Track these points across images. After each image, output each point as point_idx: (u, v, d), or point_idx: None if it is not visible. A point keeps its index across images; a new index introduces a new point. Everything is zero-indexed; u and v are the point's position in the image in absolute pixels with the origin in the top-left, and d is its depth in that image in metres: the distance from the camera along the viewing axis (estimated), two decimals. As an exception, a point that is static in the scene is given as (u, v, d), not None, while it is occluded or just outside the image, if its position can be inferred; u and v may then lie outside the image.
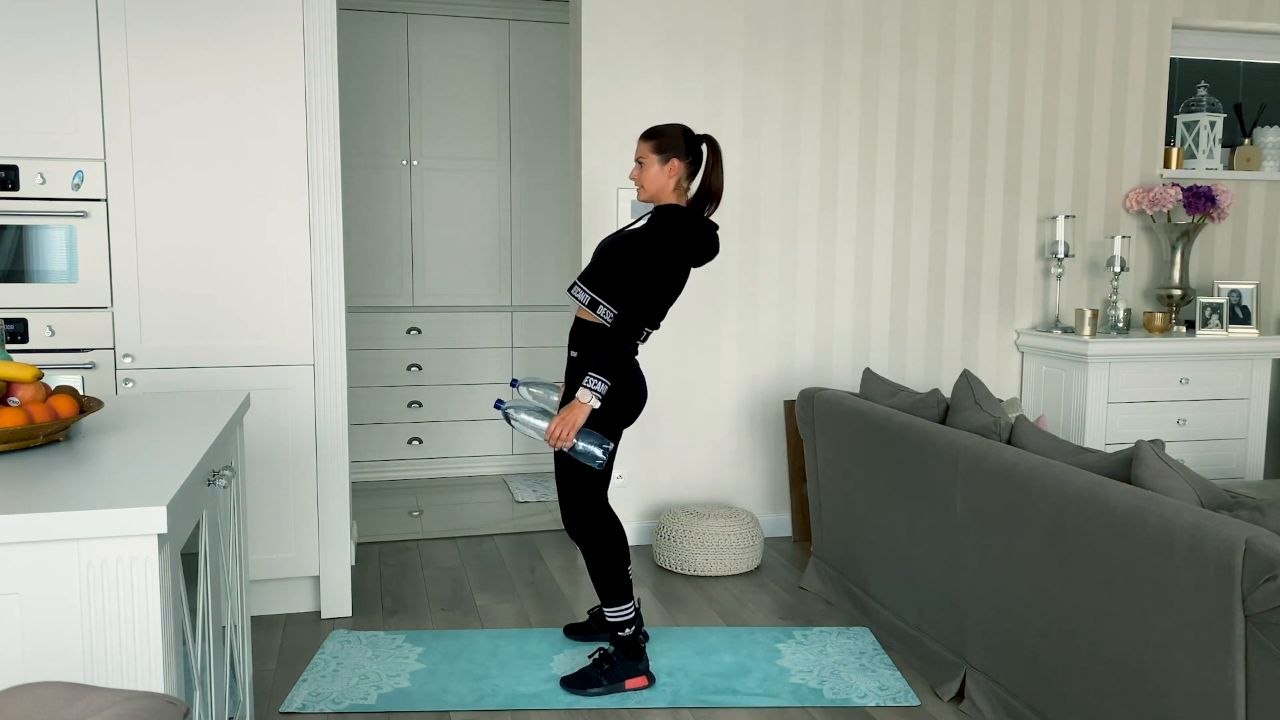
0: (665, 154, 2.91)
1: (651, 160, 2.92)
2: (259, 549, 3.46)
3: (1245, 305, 4.77)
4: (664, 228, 2.83)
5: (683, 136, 2.93)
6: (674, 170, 2.91)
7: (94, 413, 2.05)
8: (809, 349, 4.56)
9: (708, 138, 2.96)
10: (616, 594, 2.97)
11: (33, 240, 3.19)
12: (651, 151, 2.92)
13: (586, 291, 2.93)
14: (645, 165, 2.94)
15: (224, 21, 3.26)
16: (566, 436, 2.77)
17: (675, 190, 2.94)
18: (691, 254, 2.88)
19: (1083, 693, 2.43)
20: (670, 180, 2.92)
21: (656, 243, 2.82)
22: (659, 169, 2.92)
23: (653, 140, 2.93)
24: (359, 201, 5.41)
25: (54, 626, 1.41)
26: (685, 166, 2.93)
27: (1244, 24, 4.99)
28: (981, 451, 2.77)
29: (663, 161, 2.91)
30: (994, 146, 4.70)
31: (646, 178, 2.94)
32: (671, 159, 2.91)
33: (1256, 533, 1.97)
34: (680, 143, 2.92)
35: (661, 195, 2.94)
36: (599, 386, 2.77)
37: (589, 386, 2.77)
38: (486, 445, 5.68)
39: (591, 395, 2.77)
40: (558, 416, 2.81)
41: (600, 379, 2.77)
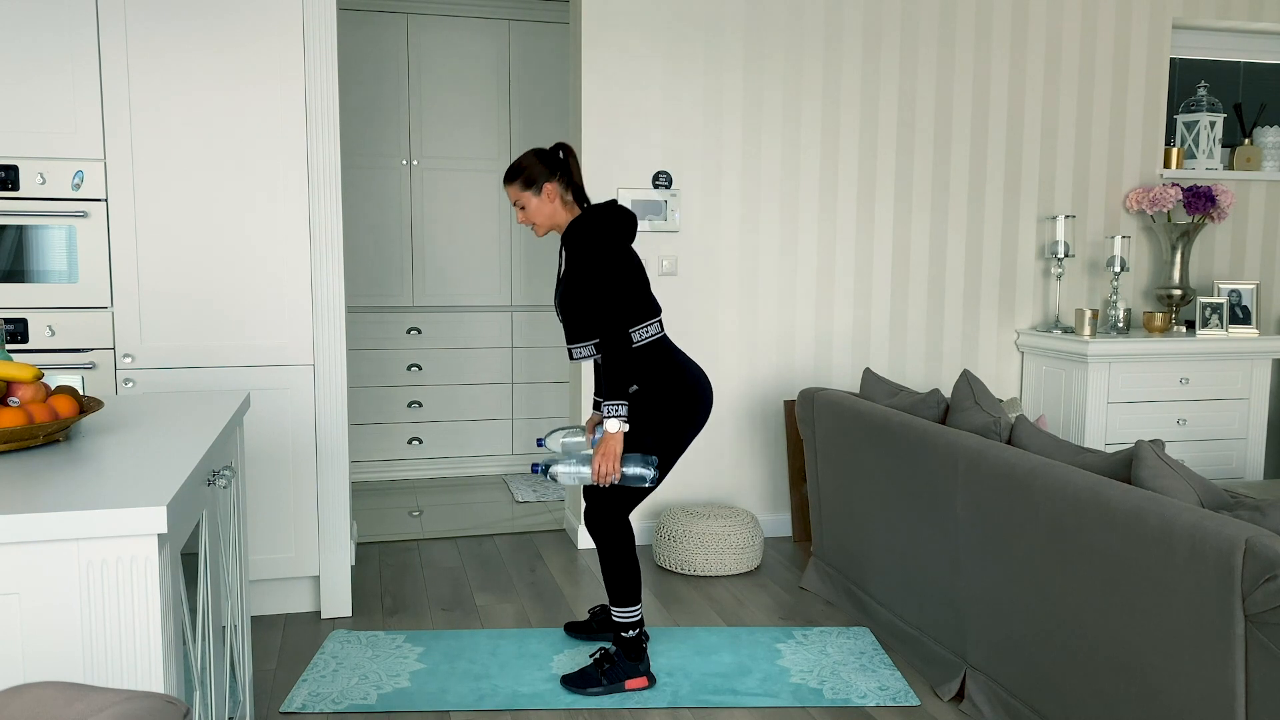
0: (535, 185, 2.95)
1: (527, 197, 2.96)
2: (259, 549, 3.46)
3: (1245, 305, 4.77)
4: (588, 241, 2.86)
5: (538, 159, 2.96)
6: (551, 193, 2.96)
7: (94, 413, 2.05)
8: (809, 349, 4.56)
9: (560, 145, 3.00)
10: (626, 596, 2.98)
11: (33, 240, 3.19)
12: (522, 190, 2.96)
13: (585, 345, 2.98)
14: (525, 205, 2.97)
15: (224, 21, 3.27)
16: (613, 468, 2.83)
17: (565, 208, 2.99)
18: (620, 240, 2.90)
19: (1083, 693, 2.43)
20: (554, 203, 2.97)
21: (590, 260, 2.84)
22: (538, 201, 2.96)
23: (517, 180, 2.96)
24: (359, 201, 5.41)
25: (54, 626, 1.41)
26: (559, 185, 2.97)
27: (1244, 24, 4.99)
28: (981, 451, 2.77)
29: (536, 192, 2.95)
30: (994, 146, 4.70)
31: (532, 213, 2.98)
32: (543, 185, 2.95)
33: (1256, 533, 1.97)
34: (539, 166, 2.96)
35: (556, 219, 2.99)
36: (619, 410, 2.82)
37: (611, 415, 2.82)
38: (486, 445, 5.68)
39: (618, 422, 2.82)
40: (597, 454, 2.84)
41: (615, 403, 2.82)
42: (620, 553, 2.99)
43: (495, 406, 5.67)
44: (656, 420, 2.95)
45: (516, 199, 2.97)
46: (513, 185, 2.96)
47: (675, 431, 2.96)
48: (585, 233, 2.86)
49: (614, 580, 2.98)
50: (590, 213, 2.92)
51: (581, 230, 2.87)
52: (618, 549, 2.99)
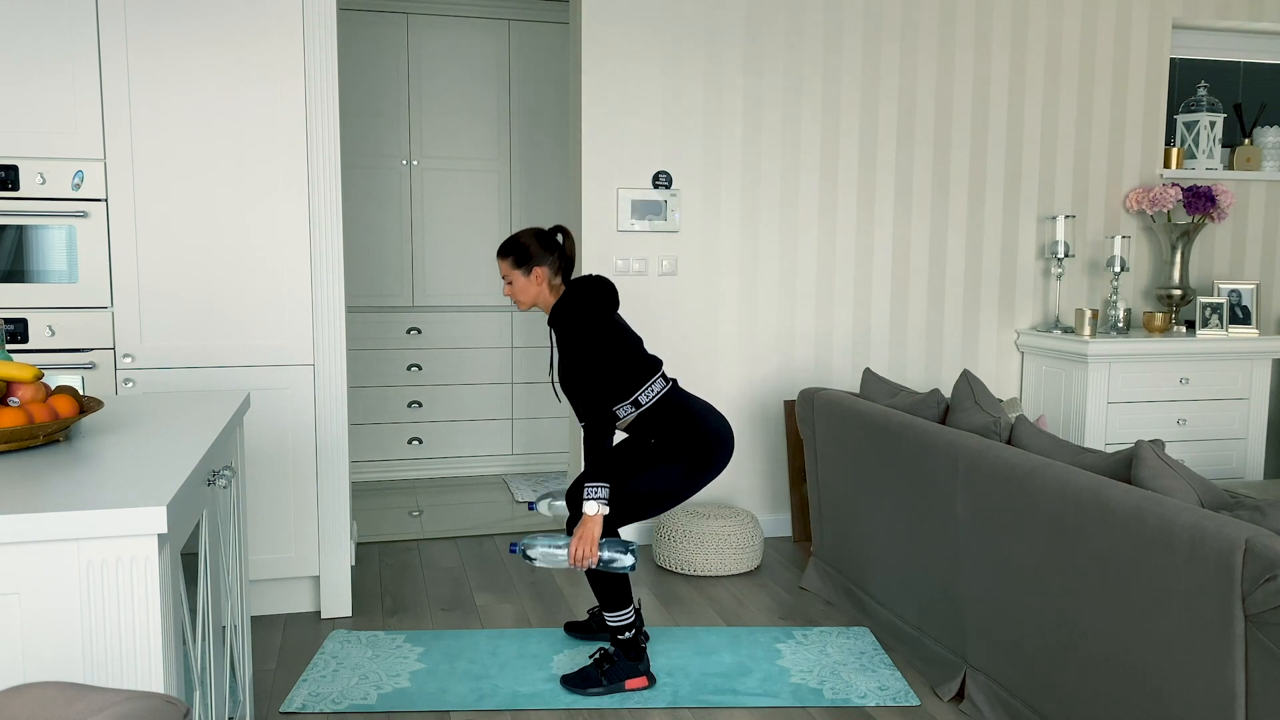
0: (526, 265, 2.98)
1: (515, 275, 3.00)
2: (259, 549, 3.46)
3: (1245, 305, 4.77)
4: (571, 324, 2.89)
5: (536, 240, 2.99)
6: (540, 276, 2.99)
7: (94, 413, 2.05)
8: (809, 349, 4.56)
9: (559, 228, 3.03)
10: (615, 600, 2.99)
11: (33, 240, 3.19)
12: (513, 267, 3.00)
13: None
14: (512, 281, 3.01)
15: (224, 21, 3.27)
16: (590, 553, 2.84)
17: (550, 291, 3.02)
18: (602, 315, 2.93)
19: (1083, 693, 2.43)
20: (541, 285, 3.00)
21: (575, 341, 2.87)
22: (525, 280, 3.00)
23: (510, 257, 3.00)
24: (359, 201, 5.41)
25: (54, 626, 1.41)
26: (550, 267, 3.00)
27: (1244, 24, 4.99)
28: (981, 451, 2.77)
29: (526, 273, 2.99)
30: (994, 146, 4.70)
31: (518, 291, 3.01)
32: (533, 267, 2.98)
33: (1256, 533, 1.97)
34: (536, 246, 2.99)
35: (540, 300, 3.02)
36: (600, 493, 2.83)
37: (590, 498, 2.83)
38: (486, 445, 5.68)
39: (597, 505, 2.83)
40: (574, 537, 2.86)
41: (596, 485, 2.83)
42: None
43: (495, 406, 5.67)
44: (670, 458, 2.97)
45: (506, 274, 3.02)
46: (505, 260, 3.00)
47: (687, 474, 2.98)
48: (568, 316, 2.90)
49: (602, 587, 2.99)
50: (570, 293, 2.95)
51: (564, 314, 2.90)
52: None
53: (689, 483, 2.98)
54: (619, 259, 4.29)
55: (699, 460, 2.97)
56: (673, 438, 2.97)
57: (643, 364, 2.99)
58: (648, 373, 2.98)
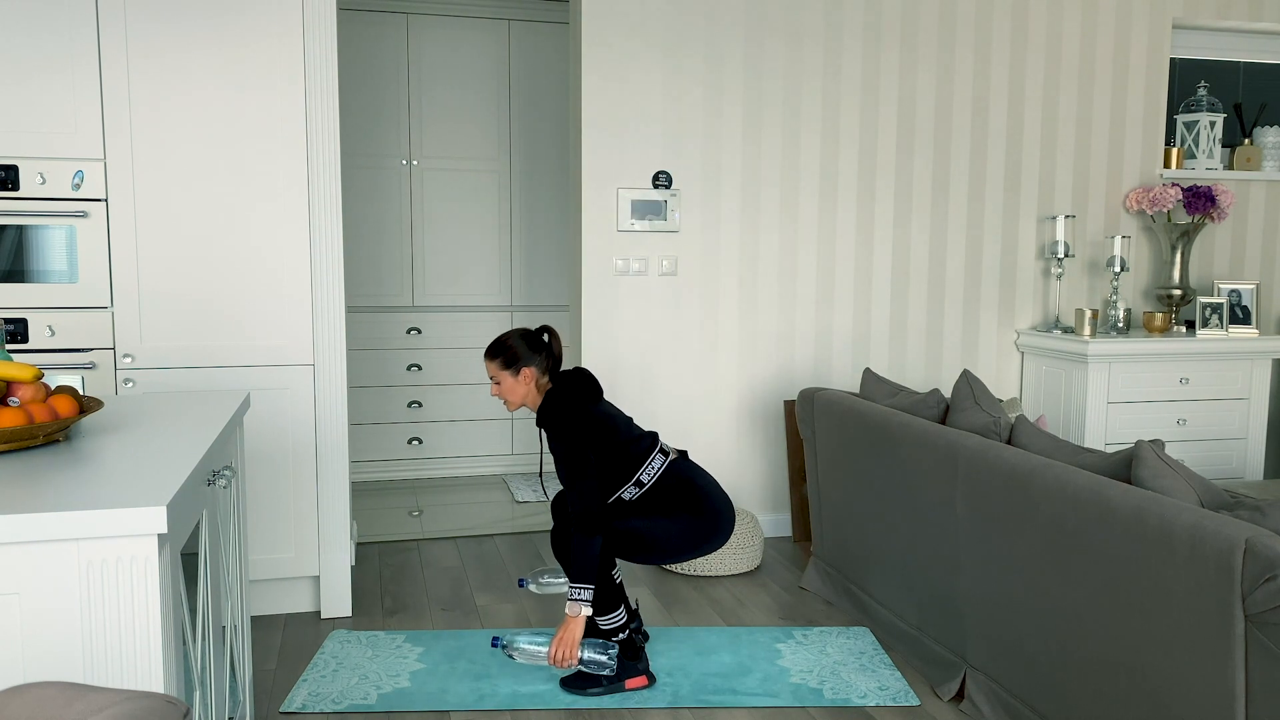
0: (514, 366, 3.00)
1: (504, 376, 3.02)
2: (259, 549, 3.46)
3: (1245, 305, 4.77)
4: (555, 424, 2.91)
5: (524, 342, 3.02)
6: (528, 377, 3.01)
7: (94, 413, 2.05)
8: (809, 349, 4.56)
9: (545, 328, 3.05)
10: (605, 604, 3.00)
11: (33, 240, 3.19)
12: (501, 368, 3.02)
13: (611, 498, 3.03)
14: (500, 382, 3.03)
15: (224, 21, 3.27)
16: (571, 654, 2.86)
17: (538, 390, 3.04)
18: (586, 409, 2.94)
19: (1083, 693, 2.43)
20: (529, 385, 3.02)
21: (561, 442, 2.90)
22: (514, 381, 3.02)
23: (499, 358, 3.01)
24: (359, 201, 5.41)
25: (54, 626, 1.41)
26: (538, 367, 3.02)
27: (1244, 24, 4.99)
28: (981, 451, 2.77)
29: (514, 374, 3.01)
30: (994, 146, 4.70)
31: (506, 391, 3.03)
32: (521, 369, 3.00)
33: (1256, 533, 1.97)
34: (523, 348, 3.01)
35: (529, 400, 3.04)
36: (584, 594, 2.85)
37: (575, 599, 2.85)
38: (486, 445, 5.68)
39: (581, 606, 2.85)
40: (556, 638, 2.87)
41: (581, 587, 2.85)
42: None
43: (495, 406, 5.67)
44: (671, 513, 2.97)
45: (494, 375, 3.03)
46: (493, 362, 3.02)
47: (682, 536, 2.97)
48: (554, 415, 2.92)
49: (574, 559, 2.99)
50: (553, 392, 2.96)
51: (550, 413, 2.93)
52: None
53: (682, 543, 2.97)
54: (619, 259, 4.29)
55: (698, 527, 2.97)
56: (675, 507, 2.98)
57: (637, 445, 2.99)
58: (644, 453, 2.99)
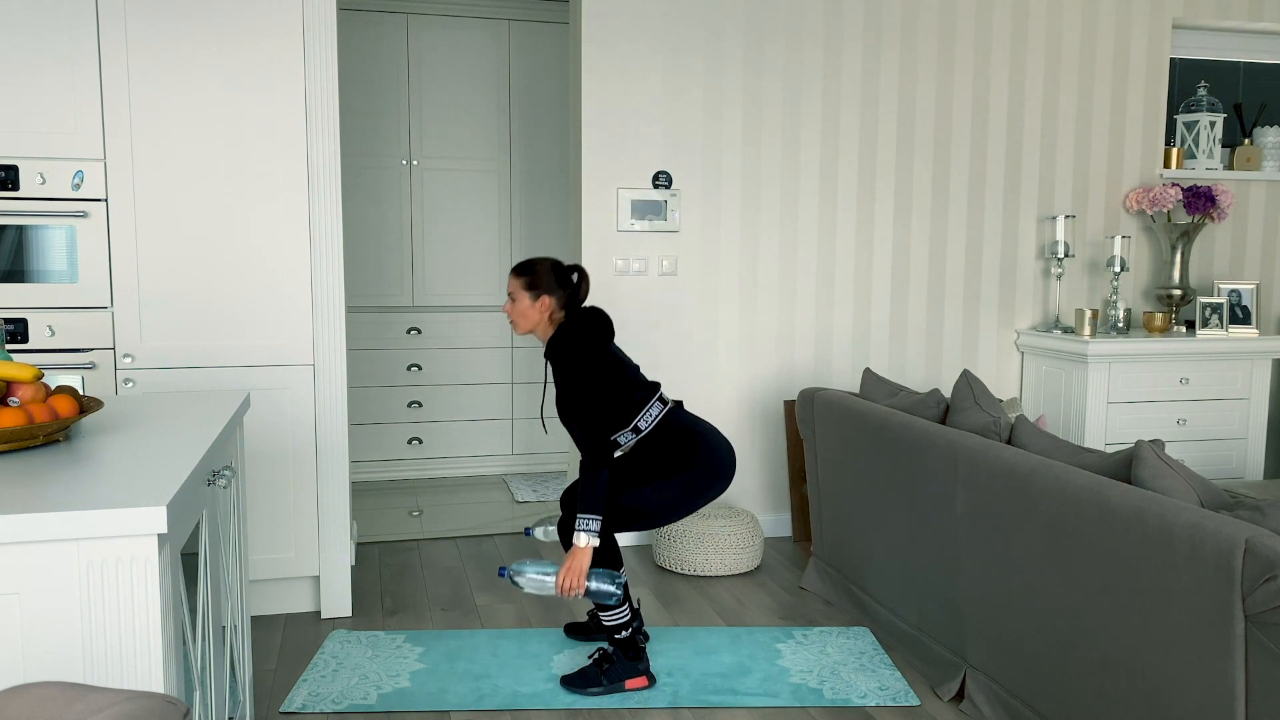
0: (535, 291, 2.98)
1: (523, 296, 2.99)
2: (259, 549, 3.46)
3: (1245, 305, 4.77)
4: (566, 358, 2.90)
5: (552, 272, 2.99)
6: (544, 306, 2.99)
7: (94, 413, 2.05)
8: (809, 349, 4.56)
9: (578, 268, 3.02)
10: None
11: (33, 240, 3.19)
12: (523, 288, 2.99)
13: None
14: (517, 300, 3.00)
15: (224, 21, 3.26)
16: (578, 583, 2.85)
17: (549, 323, 3.02)
18: (596, 347, 2.93)
19: (1083, 693, 2.43)
20: (542, 315, 3.00)
21: (570, 374, 2.89)
22: (529, 304, 2.99)
23: (524, 277, 2.99)
24: (359, 201, 5.41)
25: (54, 626, 1.41)
26: (556, 300, 2.99)
27: (1244, 24, 4.99)
28: (981, 451, 2.77)
29: (533, 298, 2.98)
30: (994, 146, 4.70)
31: (518, 312, 3.01)
32: (541, 295, 2.98)
33: (1256, 533, 1.97)
34: (550, 278, 2.99)
35: (537, 329, 3.03)
36: (592, 525, 2.84)
37: (582, 529, 2.84)
38: (486, 445, 5.68)
39: (588, 536, 2.84)
40: (563, 568, 2.87)
41: (589, 517, 2.84)
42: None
43: (495, 406, 5.67)
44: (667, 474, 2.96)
45: (513, 291, 3.01)
46: (518, 279, 3.00)
47: (682, 492, 2.97)
48: (563, 347, 2.91)
49: None
50: (565, 326, 2.95)
51: (560, 345, 2.91)
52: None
53: (686, 500, 2.97)
54: (619, 259, 4.29)
55: (697, 479, 2.96)
56: (674, 458, 2.97)
57: (639, 390, 2.99)
58: (644, 400, 2.99)
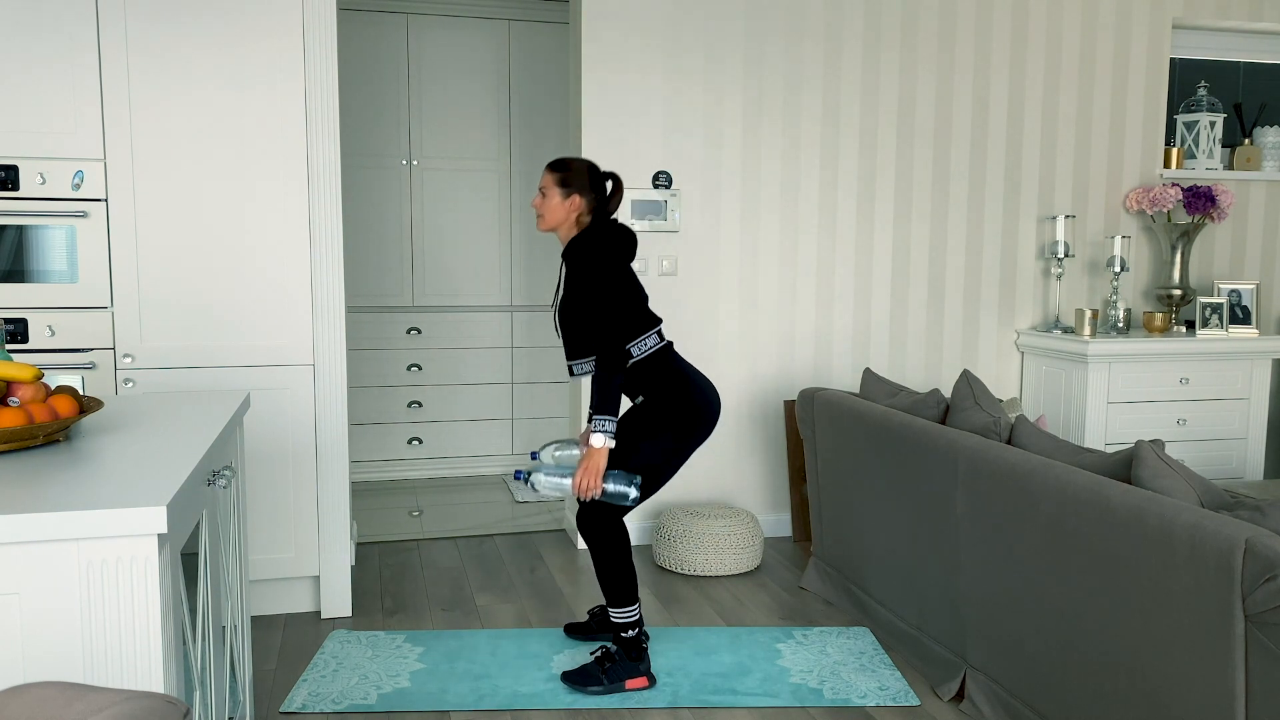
0: (568, 188, 2.96)
1: (554, 192, 2.96)
2: (259, 549, 3.46)
3: (1245, 305, 4.77)
4: (584, 261, 2.88)
5: (588, 173, 2.98)
6: (574, 205, 2.97)
7: (94, 413, 2.05)
8: (809, 349, 4.56)
9: (613, 175, 3.01)
10: (623, 596, 2.98)
11: (33, 240, 3.19)
12: (555, 184, 2.97)
13: (586, 361, 3.00)
14: (547, 195, 2.97)
15: (224, 21, 3.26)
16: (594, 484, 2.85)
17: (575, 224, 3.00)
18: (618, 258, 2.93)
19: (1083, 693, 2.43)
20: (570, 214, 2.98)
21: (588, 275, 2.87)
22: (559, 201, 2.97)
23: (558, 173, 2.97)
24: (359, 201, 5.41)
25: (54, 626, 1.41)
26: (587, 202, 2.98)
27: (1244, 24, 4.99)
28: (981, 451, 2.77)
29: (564, 195, 2.96)
30: (994, 146, 4.70)
31: (547, 208, 2.99)
32: (573, 194, 2.96)
33: (1256, 533, 1.97)
34: (585, 179, 2.97)
35: (561, 228, 3.01)
36: (607, 425, 2.83)
37: (598, 430, 2.83)
38: (486, 445, 5.68)
39: (604, 437, 2.83)
40: (579, 469, 2.86)
41: (604, 418, 2.83)
42: (614, 554, 2.99)
43: (495, 406, 5.67)
44: (658, 430, 2.96)
45: (545, 186, 2.98)
46: (552, 174, 2.97)
47: (676, 443, 2.97)
48: (584, 250, 2.89)
49: (609, 581, 2.99)
50: (591, 230, 2.94)
51: (581, 247, 2.90)
52: (611, 550, 2.99)
53: (678, 452, 2.98)
54: (619, 259, 4.29)
55: (685, 427, 2.96)
56: (661, 399, 2.96)
57: (642, 317, 2.98)
58: (644, 326, 2.98)
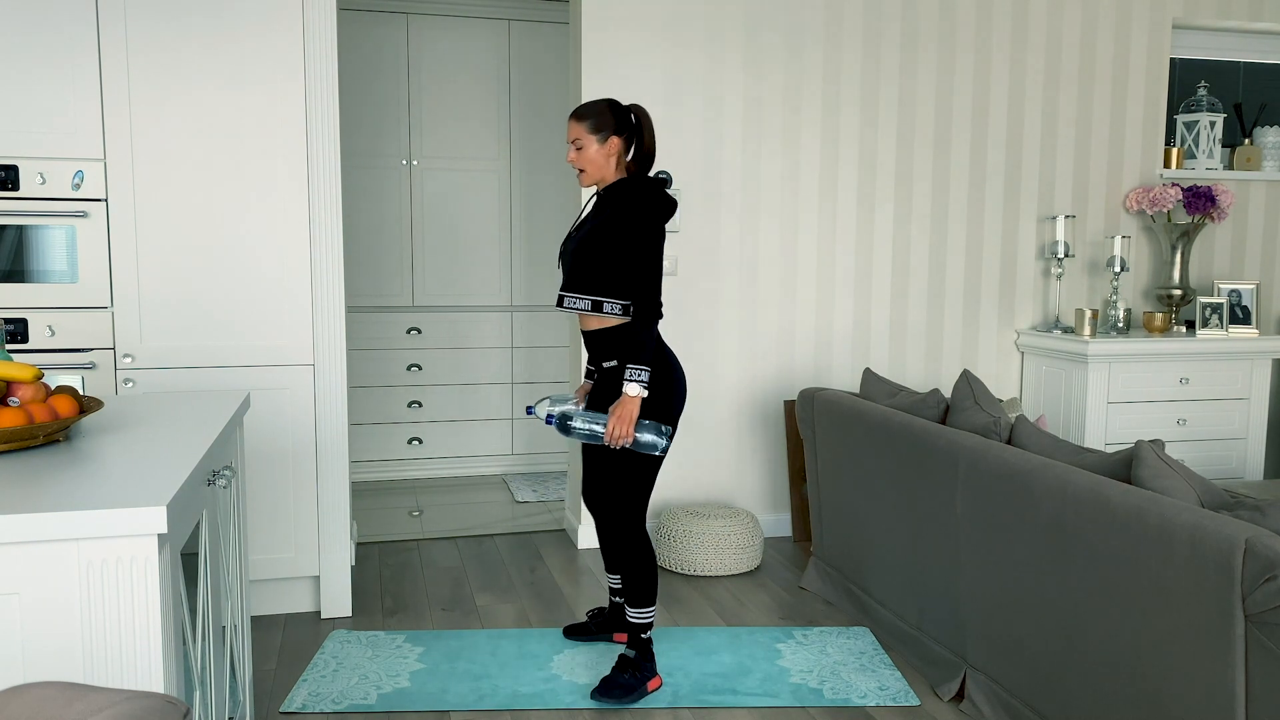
0: (602, 132, 2.84)
1: (589, 141, 2.83)
2: (259, 549, 3.46)
3: (1245, 305, 4.77)
4: (638, 203, 2.78)
5: (612, 111, 2.85)
6: (614, 147, 2.85)
7: (94, 413, 2.05)
8: (809, 349, 4.56)
9: (635, 107, 2.89)
10: (646, 596, 2.97)
11: (33, 240, 3.19)
12: (588, 132, 2.83)
13: (583, 297, 2.86)
14: (584, 147, 2.85)
15: (224, 21, 3.26)
16: (627, 432, 2.78)
17: (617, 169, 2.89)
18: (663, 220, 2.83)
19: (1083, 693, 2.43)
20: (612, 158, 2.86)
21: (639, 220, 2.77)
22: (598, 148, 2.84)
23: (587, 120, 2.83)
24: (359, 201, 5.41)
25: (54, 626, 1.41)
26: (623, 141, 2.87)
27: (1244, 24, 4.99)
28: (981, 451, 2.77)
29: (601, 140, 2.84)
30: (994, 146, 4.70)
31: (586, 159, 2.86)
32: (609, 136, 2.84)
33: (1256, 533, 1.97)
34: (611, 118, 2.85)
35: (606, 175, 2.88)
36: (643, 376, 2.77)
37: (633, 379, 2.76)
38: (486, 445, 5.68)
39: (639, 386, 2.77)
40: (613, 416, 2.79)
41: (641, 369, 2.76)
42: (644, 555, 2.97)
43: (495, 406, 5.67)
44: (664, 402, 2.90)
45: (578, 137, 2.84)
46: (581, 123, 2.83)
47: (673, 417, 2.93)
48: (640, 197, 2.79)
49: (638, 582, 2.96)
50: (647, 182, 2.84)
51: (636, 193, 2.79)
52: (642, 552, 2.96)
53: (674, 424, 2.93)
54: (619, 259, 4.29)
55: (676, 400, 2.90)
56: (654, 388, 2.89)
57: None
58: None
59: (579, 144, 2.85)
